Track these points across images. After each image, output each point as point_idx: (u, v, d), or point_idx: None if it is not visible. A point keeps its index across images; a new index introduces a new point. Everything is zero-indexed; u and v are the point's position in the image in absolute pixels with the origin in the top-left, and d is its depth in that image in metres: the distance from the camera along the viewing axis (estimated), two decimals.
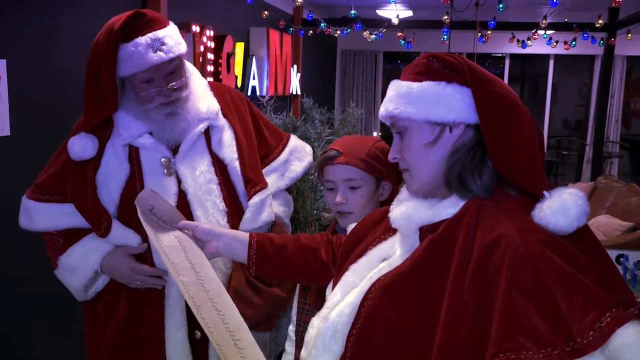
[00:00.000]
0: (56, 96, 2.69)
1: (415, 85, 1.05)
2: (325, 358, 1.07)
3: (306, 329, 1.17)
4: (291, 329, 1.73)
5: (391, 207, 1.14)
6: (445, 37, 5.43)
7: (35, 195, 1.74)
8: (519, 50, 7.26)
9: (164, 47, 1.58)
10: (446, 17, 4.89)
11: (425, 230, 1.04)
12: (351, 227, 1.35)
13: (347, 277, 1.15)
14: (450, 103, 1.02)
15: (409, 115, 1.05)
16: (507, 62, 9.16)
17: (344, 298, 1.11)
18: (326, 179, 1.60)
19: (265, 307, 1.74)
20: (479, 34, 5.40)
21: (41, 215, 1.73)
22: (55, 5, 2.67)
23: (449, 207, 1.03)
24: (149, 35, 1.58)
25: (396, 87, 1.09)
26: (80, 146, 1.64)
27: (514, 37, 6.53)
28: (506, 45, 7.35)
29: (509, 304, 0.88)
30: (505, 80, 9.17)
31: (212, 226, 1.52)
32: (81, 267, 1.70)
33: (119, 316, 1.73)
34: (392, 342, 0.99)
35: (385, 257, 1.13)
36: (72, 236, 1.73)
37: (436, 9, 5.96)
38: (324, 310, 1.14)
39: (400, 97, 1.07)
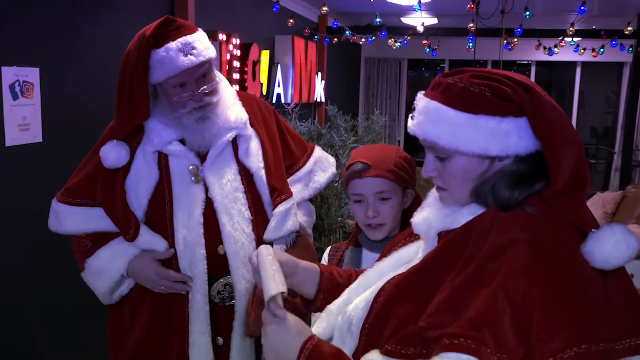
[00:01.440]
0: (86, 103, 2.74)
1: (464, 117, 0.98)
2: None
3: None
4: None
5: (415, 212, 1.15)
6: (471, 44, 5.39)
7: (65, 199, 1.77)
8: (545, 57, 7.17)
9: (194, 51, 1.61)
10: (472, 24, 4.85)
11: (444, 236, 1.05)
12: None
13: (369, 273, 1.17)
14: (506, 140, 0.98)
15: (457, 148, 1.00)
16: (533, 69, 9.06)
17: (361, 293, 1.13)
18: (354, 192, 1.56)
19: None
20: (505, 41, 5.36)
21: (70, 218, 1.76)
22: (86, 15, 2.73)
23: (468, 215, 1.02)
24: (180, 40, 1.61)
25: (435, 111, 1.02)
26: (115, 155, 1.67)
27: (540, 44, 6.46)
28: (532, 53, 7.27)
29: (492, 301, 0.89)
30: None
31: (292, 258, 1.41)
32: (108, 270, 1.72)
33: (143, 320, 1.74)
34: None
35: (408, 260, 1.14)
36: (100, 239, 1.75)
37: (461, 16, 5.92)
38: (340, 302, 1.15)
39: (444, 125, 1.00)
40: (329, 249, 1.72)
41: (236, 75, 4.16)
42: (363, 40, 5.75)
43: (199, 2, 3.62)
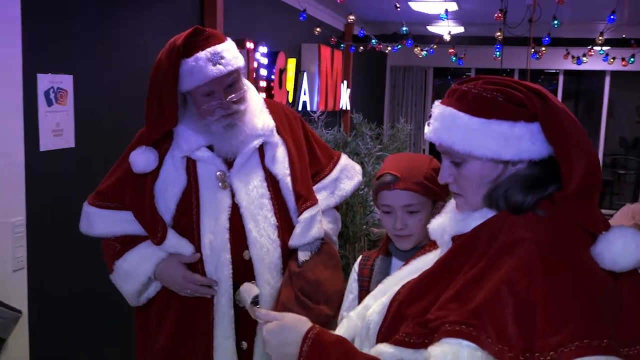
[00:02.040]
0: (117, 110, 2.79)
1: (478, 122, 1.01)
2: None
3: None
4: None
5: (432, 219, 1.17)
6: (498, 53, 5.36)
7: (95, 202, 1.81)
8: (573, 66, 7.09)
9: (222, 60, 1.64)
10: (499, 33, 4.82)
11: (457, 240, 1.07)
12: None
13: (388, 280, 1.20)
14: (518, 144, 1.00)
15: (471, 152, 1.02)
16: (561, 78, 8.95)
17: (379, 299, 1.15)
18: (383, 204, 1.56)
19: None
20: (533, 50, 5.31)
21: (100, 221, 1.80)
22: (118, 25, 2.79)
23: (479, 219, 1.04)
24: (209, 49, 1.64)
25: (450, 117, 1.04)
26: (144, 160, 1.70)
27: (568, 53, 6.39)
28: (560, 62, 7.19)
29: (495, 293, 0.91)
30: (559, 97, 8.97)
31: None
32: (135, 272, 1.76)
33: (169, 323, 1.77)
34: None
35: (425, 267, 1.15)
36: (128, 242, 1.79)
37: (488, 25, 5.89)
38: (360, 309, 1.18)
39: (459, 130, 1.02)
40: (360, 258, 1.73)
41: (263, 83, 4.20)
42: (389, 48, 5.76)
43: (228, 11, 3.67)
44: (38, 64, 2.32)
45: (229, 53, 1.67)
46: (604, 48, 6.29)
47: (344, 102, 6.31)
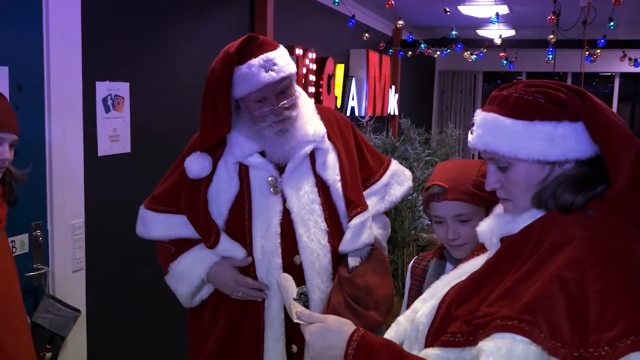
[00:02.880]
0: (171, 116, 2.85)
1: (521, 124, 1.01)
2: None
3: None
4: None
5: (481, 222, 1.17)
6: (551, 56, 5.22)
7: (152, 206, 1.85)
8: (630, 69, 6.85)
9: (275, 67, 1.65)
10: (552, 36, 4.70)
11: (505, 241, 1.07)
12: None
13: (437, 284, 1.20)
14: (564, 144, 0.99)
15: (517, 155, 1.02)
16: (617, 81, 8.65)
17: (428, 302, 1.15)
18: (433, 214, 1.54)
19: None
20: (587, 52, 5.15)
21: (156, 224, 1.84)
22: (172, 34, 2.85)
23: (528, 219, 1.03)
24: (261, 56, 1.65)
25: (492, 122, 1.04)
26: (198, 166, 1.73)
27: (625, 55, 6.18)
28: (616, 64, 6.96)
29: (546, 289, 0.90)
30: (615, 101, 8.67)
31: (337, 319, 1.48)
32: (189, 274, 1.78)
33: (221, 325, 1.79)
34: None
35: (474, 270, 1.15)
36: (182, 245, 1.82)
37: (540, 27, 5.75)
38: (408, 312, 1.18)
39: (502, 134, 1.02)
40: (415, 257, 1.72)
41: (312, 89, 4.22)
42: (438, 53, 5.69)
43: (278, 18, 3.71)
44: (97, 72, 2.40)
45: (281, 60, 1.68)
46: None
47: (392, 107, 6.28)
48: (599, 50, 5.44)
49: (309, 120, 1.79)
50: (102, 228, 2.46)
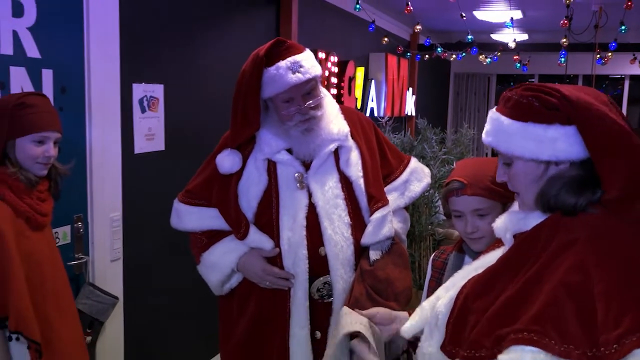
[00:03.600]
0: (201, 116, 2.88)
1: (516, 125, 1.03)
2: (429, 343, 1.14)
3: None
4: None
5: (497, 218, 1.18)
6: (563, 59, 5.15)
7: (185, 199, 1.88)
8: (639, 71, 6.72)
9: (301, 69, 1.66)
10: (564, 40, 4.63)
11: (518, 238, 1.08)
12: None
13: (458, 275, 1.21)
14: (554, 145, 1.00)
15: (513, 153, 1.04)
16: (627, 83, 8.50)
17: (449, 291, 1.16)
18: (453, 209, 1.55)
19: None
20: (598, 55, 5.07)
21: (189, 217, 1.86)
22: (203, 38, 2.88)
23: (538, 218, 1.04)
24: (289, 59, 1.66)
25: (496, 121, 1.07)
26: (230, 162, 1.75)
27: (635, 58, 6.07)
28: (626, 67, 6.83)
29: (553, 297, 0.91)
30: (624, 103, 8.52)
31: (387, 311, 1.50)
32: (220, 264, 1.80)
33: (249, 312, 1.80)
34: None
35: (491, 263, 1.15)
36: (214, 236, 1.83)
37: (552, 31, 5.68)
38: (432, 299, 1.20)
39: (502, 133, 1.06)
40: (436, 251, 1.72)
41: (333, 91, 4.22)
42: (454, 56, 5.65)
43: (302, 24, 3.72)
44: (134, 75, 2.43)
45: (308, 62, 1.69)
46: None
47: (409, 108, 6.25)
48: (610, 53, 5.35)
49: (333, 119, 1.79)
50: (138, 220, 2.50)
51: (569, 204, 0.99)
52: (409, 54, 5.88)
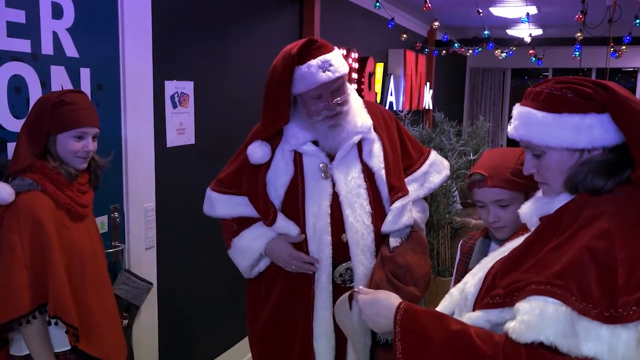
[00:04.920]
0: (229, 111, 2.89)
1: (551, 117, 1.03)
2: None
3: None
4: None
5: (522, 205, 1.19)
6: (577, 53, 5.04)
7: (217, 188, 1.90)
8: None
9: (331, 67, 1.67)
10: (579, 34, 4.53)
11: (543, 220, 1.09)
12: None
13: (485, 260, 1.21)
14: (590, 133, 1.01)
15: (548, 144, 1.04)
16: None
17: (477, 275, 1.17)
18: (475, 199, 1.55)
19: None
20: (612, 49, 4.95)
21: (221, 204, 1.88)
22: (231, 37, 2.89)
23: (563, 200, 1.06)
24: (320, 58, 1.67)
25: (526, 115, 1.07)
26: (260, 153, 1.77)
27: None
28: (639, 59, 6.66)
29: (577, 258, 0.92)
30: (637, 95, 8.32)
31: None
32: (249, 249, 1.83)
33: (276, 294, 1.83)
34: None
35: None
36: (244, 223, 1.86)
37: (567, 26, 5.56)
38: (460, 285, 1.21)
39: (534, 125, 1.05)
40: (464, 237, 1.72)
41: (354, 86, 4.21)
42: (470, 52, 5.57)
43: (324, 21, 3.71)
44: (165, 72, 2.45)
45: (337, 61, 1.69)
46: None
47: (427, 101, 6.20)
48: (624, 47, 5.22)
49: (357, 113, 1.80)
50: (170, 210, 2.53)
51: (598, 186, 1.00)
52: (426, 49, 5.82)
